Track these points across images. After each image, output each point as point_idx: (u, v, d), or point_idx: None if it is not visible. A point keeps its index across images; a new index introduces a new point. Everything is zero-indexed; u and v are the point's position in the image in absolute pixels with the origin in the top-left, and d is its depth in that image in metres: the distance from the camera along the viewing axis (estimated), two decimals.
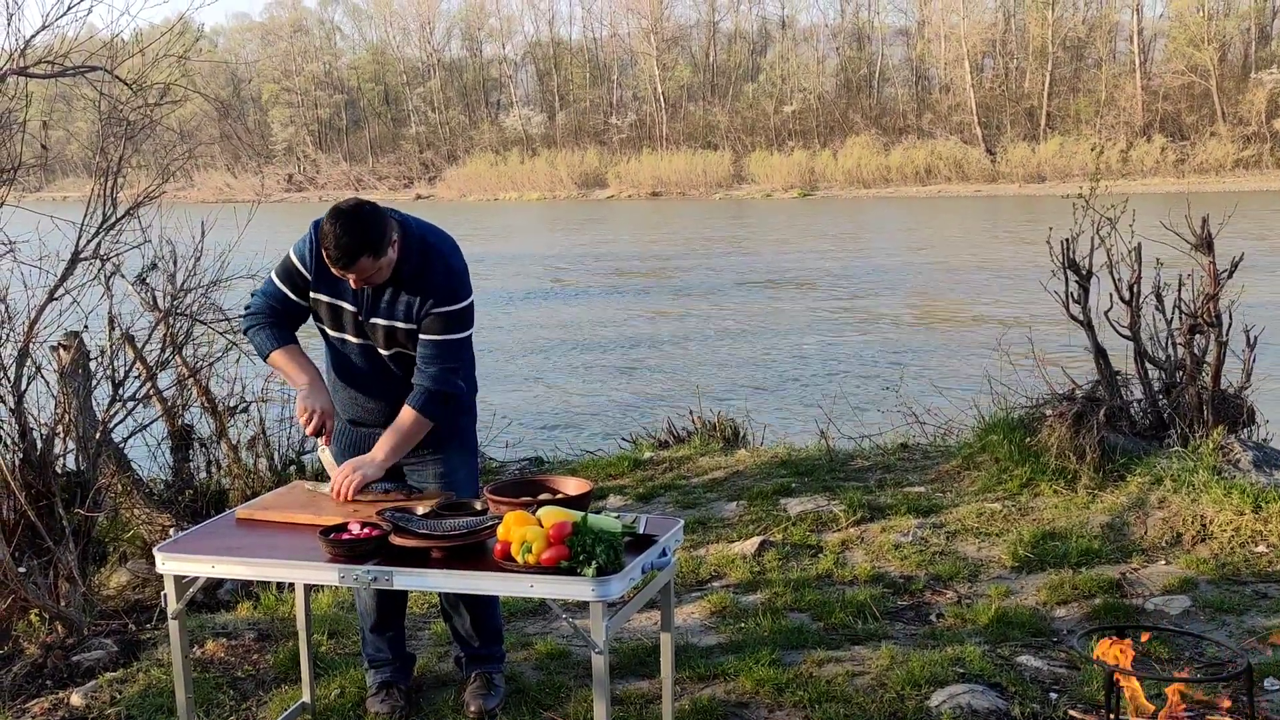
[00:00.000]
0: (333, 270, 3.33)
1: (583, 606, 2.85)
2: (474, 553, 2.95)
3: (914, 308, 19.59)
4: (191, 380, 6.04)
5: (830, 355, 15.45)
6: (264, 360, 3.64)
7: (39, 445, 4.68)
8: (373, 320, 3.47)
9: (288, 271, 3.52)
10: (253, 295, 3.65)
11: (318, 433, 3.48)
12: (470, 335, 3.55)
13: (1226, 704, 3.19)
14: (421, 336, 3.44)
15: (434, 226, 3.56)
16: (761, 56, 74.76)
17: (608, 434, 10.09)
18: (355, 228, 3.21)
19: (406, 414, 3.46)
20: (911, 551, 5.26)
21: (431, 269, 3.43)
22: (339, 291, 3.47)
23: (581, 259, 30.23)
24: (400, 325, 3.45)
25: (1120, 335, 6.25)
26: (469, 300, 3.50)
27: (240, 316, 3.72)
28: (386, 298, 3.44)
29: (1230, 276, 6.04)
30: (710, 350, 16.23)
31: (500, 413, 8.87)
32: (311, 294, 3.52)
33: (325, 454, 3.62)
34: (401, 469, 3.63)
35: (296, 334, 3.63)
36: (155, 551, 3.16)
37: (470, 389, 3.72)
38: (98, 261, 5.07)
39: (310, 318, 3.62)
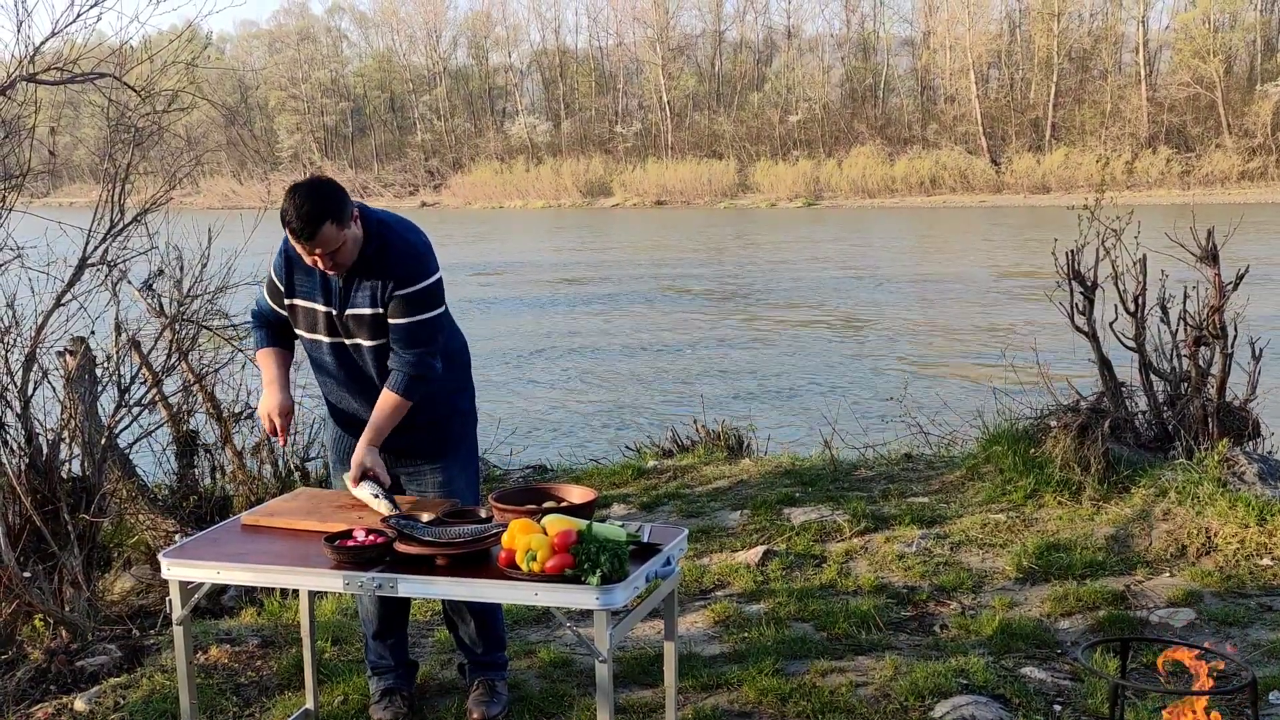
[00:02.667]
0: (298, 247, 3.34)
1: (586, 615, 2.86)
2: (478, 560, 2.96)
3: (918, 317, 19.58)
4: (197, 386, 6.05)
5: (834, 365, 15.44)
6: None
7: (45, 450, 4.69)
8: (347, 312, 3.47)
9: (267, 283, 3.63)
10: (256, 300, 3.78)
11: (274, 433, 3.62)
12: (443, 313, 3.54)
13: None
14: (391, 321, 3.44)
15: (392, 213, 3.60)
16: (767, 66, 74.90)
17: (611, 442, 10.09)
18: (315, 196, 3.26)
19: (387, 397, 3.47)
20: (915, 562, 5.26)
21: (391, 248, 3.44)
22: (311, 293, 3.50)
23: (585, 266, 30.25)
24: (367, 312, 3.45)
25: (1125, 347, 6.25)
26: (435, 277, 3.48)
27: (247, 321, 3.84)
28: (355, 287, 3.45)
29: (1235, 288, 6.04)
30: (713, 359, 16.23)
31: (503, 420, 8.87)
32: (286, 300, 3.56)
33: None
34: (399, 479, 3.65)
35: (289, 341, 3.72)
36: (160, 557, 3.16)
37: (466, 394, 3.73)
38: (104, 267, 5.08)
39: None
